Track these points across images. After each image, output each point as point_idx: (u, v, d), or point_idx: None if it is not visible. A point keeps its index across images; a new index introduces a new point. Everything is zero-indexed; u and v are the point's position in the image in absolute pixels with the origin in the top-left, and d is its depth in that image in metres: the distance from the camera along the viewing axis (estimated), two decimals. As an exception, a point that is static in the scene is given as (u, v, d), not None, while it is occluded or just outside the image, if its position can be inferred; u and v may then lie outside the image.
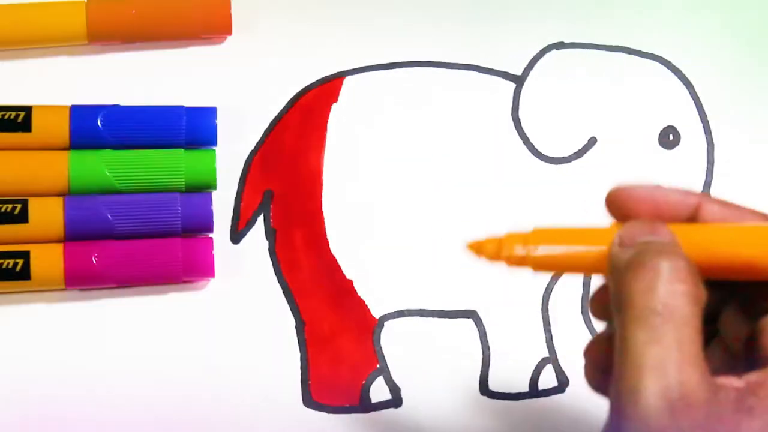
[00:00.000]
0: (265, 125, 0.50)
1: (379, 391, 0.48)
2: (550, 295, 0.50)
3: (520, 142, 0.52)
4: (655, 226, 0.31)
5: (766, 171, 0.53)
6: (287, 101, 0.50)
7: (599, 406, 0.35)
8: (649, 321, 0.29)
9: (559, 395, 0.49)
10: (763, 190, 0.53)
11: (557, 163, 0.52)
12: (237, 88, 0.50)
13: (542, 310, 0.50)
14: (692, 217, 0.33)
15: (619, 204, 0.33)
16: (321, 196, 0.50)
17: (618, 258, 0.31)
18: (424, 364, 0.48)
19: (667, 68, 0.53)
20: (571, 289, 0.50)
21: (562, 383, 0.49)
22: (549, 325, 0.49)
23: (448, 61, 0.52)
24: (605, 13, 0.53)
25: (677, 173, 0.52)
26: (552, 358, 0.49)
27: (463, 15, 0.52)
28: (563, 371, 0.49)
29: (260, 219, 0.49)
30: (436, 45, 0.52)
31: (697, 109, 0.53)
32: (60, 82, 0.49)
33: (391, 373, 0.48)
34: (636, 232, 0.31)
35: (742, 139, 0.53)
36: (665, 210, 0.33)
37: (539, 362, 0.49)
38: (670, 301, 0.29)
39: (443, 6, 0.52)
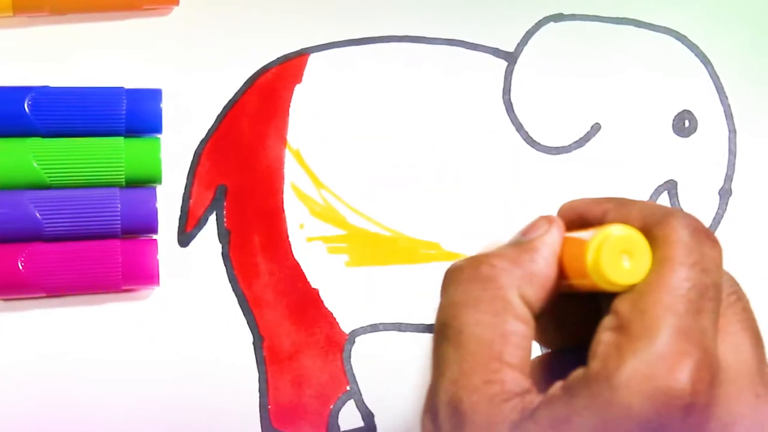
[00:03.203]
0: (218, 110, 0.49)
1: (349, 418, 0.48)
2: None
3: (513, 129, 0.51)
4: (537, 226, 0.35)
5: (795, 161, 0.54)
6: (243, 82, 0.49)
7: None
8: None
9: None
10: (791, 182, 0.53)
11: (555, 153, 0.51)
12: (185, 67, 0.49)
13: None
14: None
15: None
16: (282, 192, 0.49)
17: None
18: (401, 387, 0.48)
19: (683, 44, 0.52)
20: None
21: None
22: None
23: (428, 35, 0.51)
24: (611, -21, 0.54)
25: (694, 164, 0.52)
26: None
27: (447, -18, 0.52)
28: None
29: (212, 218, 0.48)
30: (415, 17, 0.51)
31: (717, 91, 0.52)
32: (-20, 59, 0.49)
33: (363, 396, 0.48)
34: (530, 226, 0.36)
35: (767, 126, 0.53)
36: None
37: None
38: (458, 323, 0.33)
39: (423, -28, 0.52)
